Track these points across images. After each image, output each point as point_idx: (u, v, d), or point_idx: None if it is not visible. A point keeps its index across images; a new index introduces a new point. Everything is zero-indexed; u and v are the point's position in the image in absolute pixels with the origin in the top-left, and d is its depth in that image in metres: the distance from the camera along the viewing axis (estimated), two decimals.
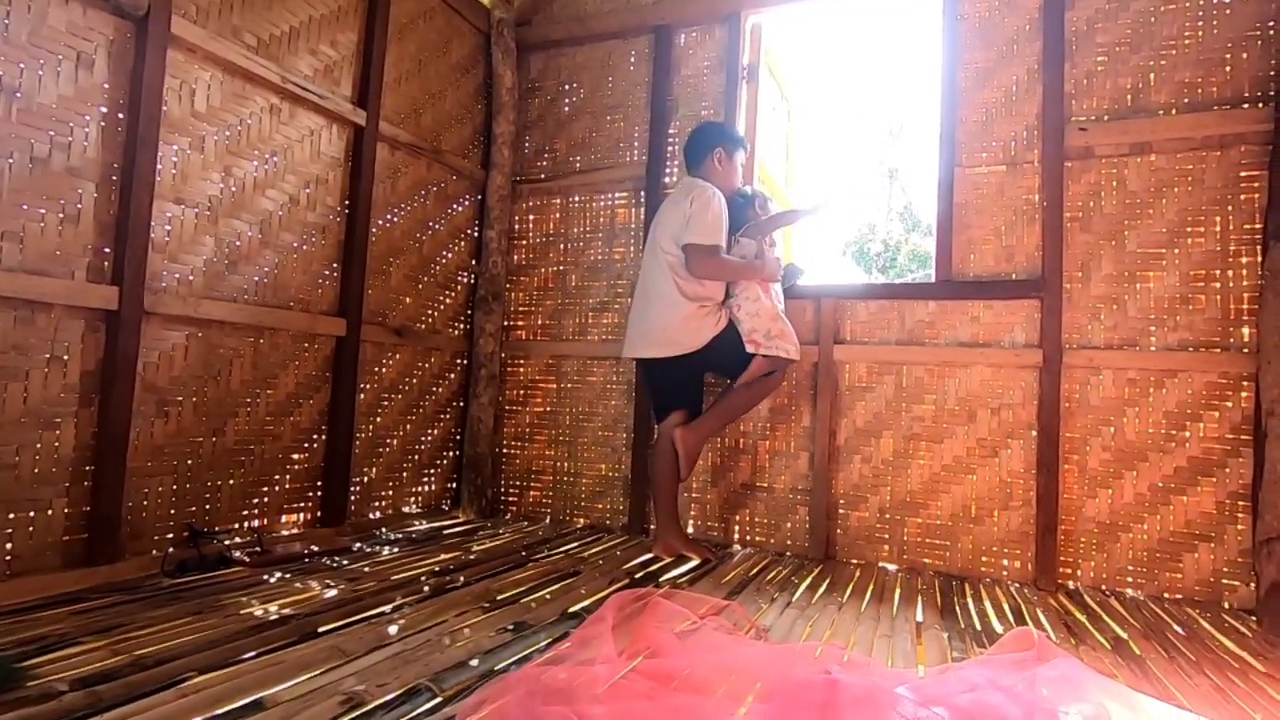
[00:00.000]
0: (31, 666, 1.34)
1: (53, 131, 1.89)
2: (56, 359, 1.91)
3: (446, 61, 3.24)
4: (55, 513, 1.91)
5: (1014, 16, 2.70)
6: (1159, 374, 2.40)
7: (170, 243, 2.16)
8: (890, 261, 20.49)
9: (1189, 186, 2.42)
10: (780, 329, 2.55)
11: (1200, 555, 2.30)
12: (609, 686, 1.25)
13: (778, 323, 2.55)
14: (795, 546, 2.80)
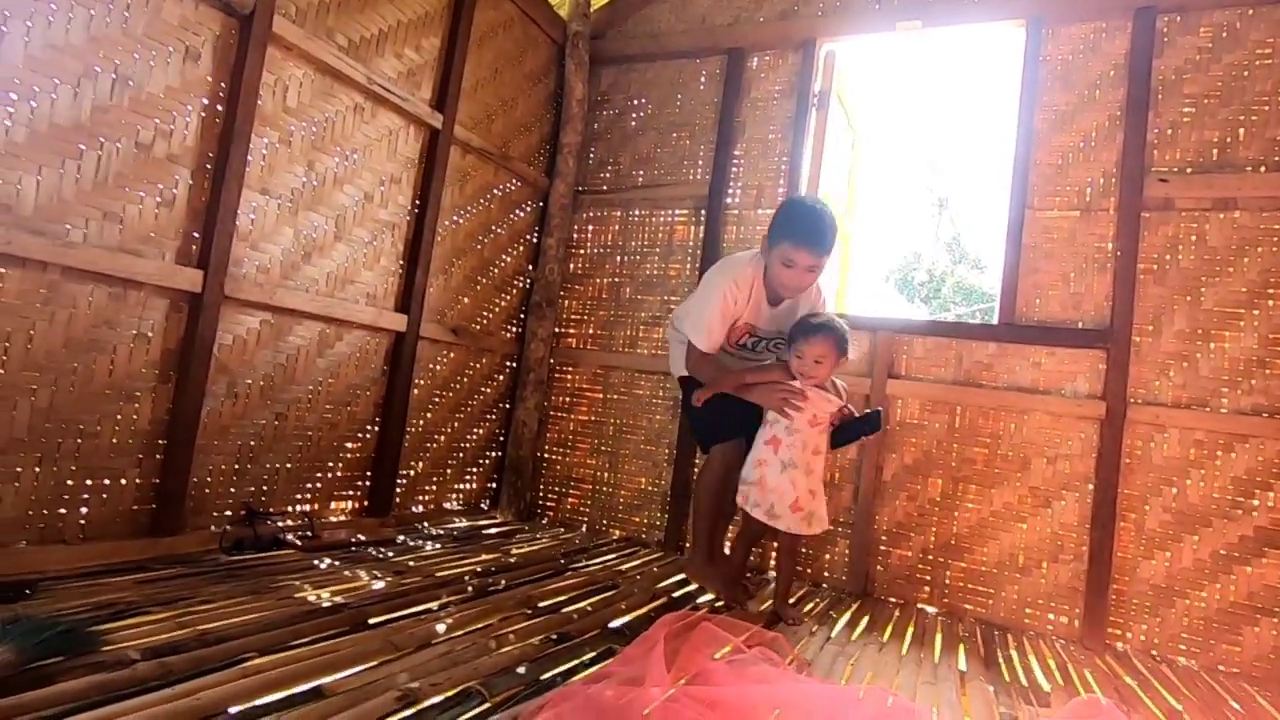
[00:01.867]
0: (105, 632, 1.40)
1: (157, 119, 1.98)
2: (142, 336, 1.99)
3: (520, 71, 3.31)
4: (128, 483, 1.99)
5: (1098, 62, 2.66)
6: (1229, 437, 2.32)
7: (253, 231, 2.25)
8: (934, 292, 20.19)
9: (1274, 246, 2.35)
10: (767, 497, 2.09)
11: (1261, 630, 2.21)
12: (659, 707, 1.25)
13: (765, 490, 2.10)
14: (833, 579, 2.76)
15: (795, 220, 2.09)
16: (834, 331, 2.09)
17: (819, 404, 2.09)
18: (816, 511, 2.10)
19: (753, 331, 2.28)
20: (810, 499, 2.09)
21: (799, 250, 2.04)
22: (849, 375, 2.83)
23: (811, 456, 2.10)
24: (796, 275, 2.09)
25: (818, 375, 2.09)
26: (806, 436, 2.10)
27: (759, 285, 2.19)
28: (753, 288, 2.18)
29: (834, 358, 2.09)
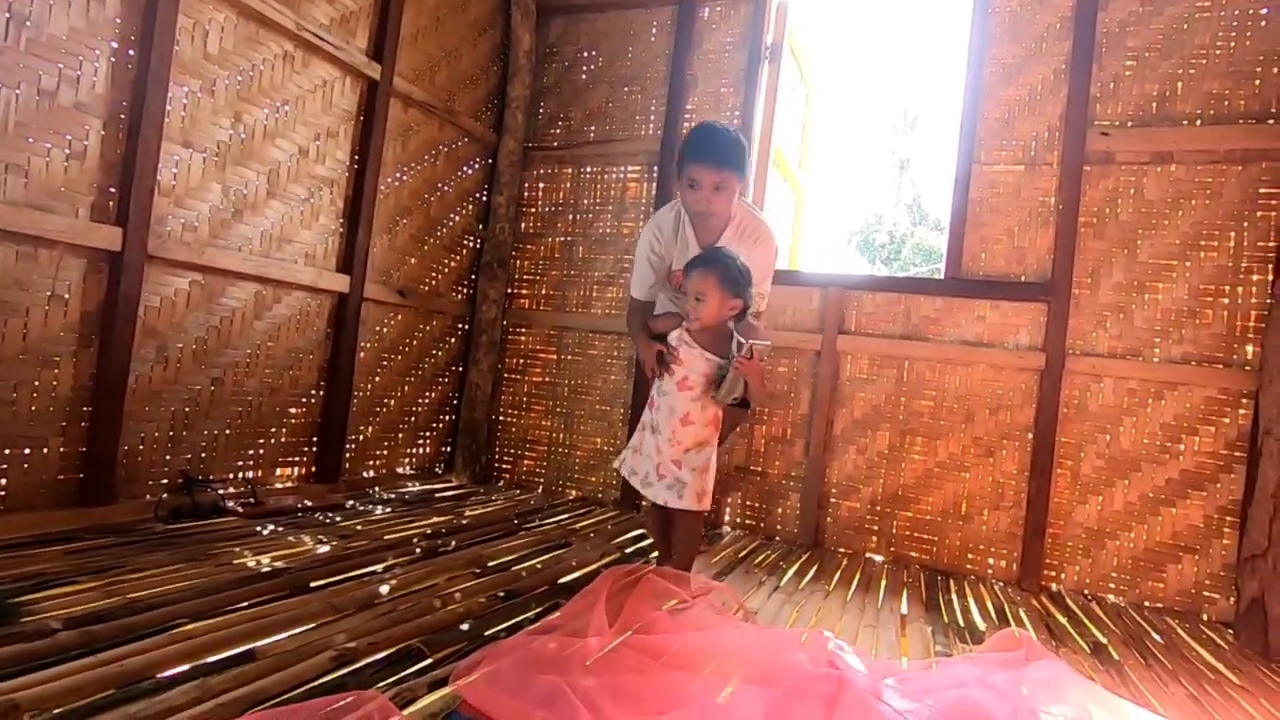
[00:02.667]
0: (26, 603, 1.35)
1: (61, 64, 1.84)
2: (57, 297, 1.88)
3: (464, 19, 3.18)
4: (51, 451, 1.90)
5: (1046, 13, 2.65)
6: (1159, 385, 2.40)
7: (176, 187, 2.13)
8: (895, 254, 20.45)
9: (1206, 199, 2.41)
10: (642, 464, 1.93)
11: (1184, 567, 2.33)
12: (599, 658, 1.26)
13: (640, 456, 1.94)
14: (785, 532, 2.82)
15: (694, 141, 2.01)
16: (713, 262, 1.83)
17: (692, 363, 1.84)
18: (689, 484, 1.82)
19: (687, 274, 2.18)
20: (675, 469, 1.84)
21: (699, 167, 1.95)
22: (801, 332, 2.86)
23: (679, 425, 1.84)
24: (704, 197, 1.95)
25: (702, 315, 1.83)
26: (674, 401, 1.86)
27: (685, 228, 2.10)
28: (678, 231, 2.10)
29: (717, 295, 1.80)
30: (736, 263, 1.85)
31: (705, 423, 1.88)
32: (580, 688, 1.12)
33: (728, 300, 1.82)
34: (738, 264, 1.85)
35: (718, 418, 1.92)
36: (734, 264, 1.84)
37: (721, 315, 1.84)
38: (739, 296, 1.83)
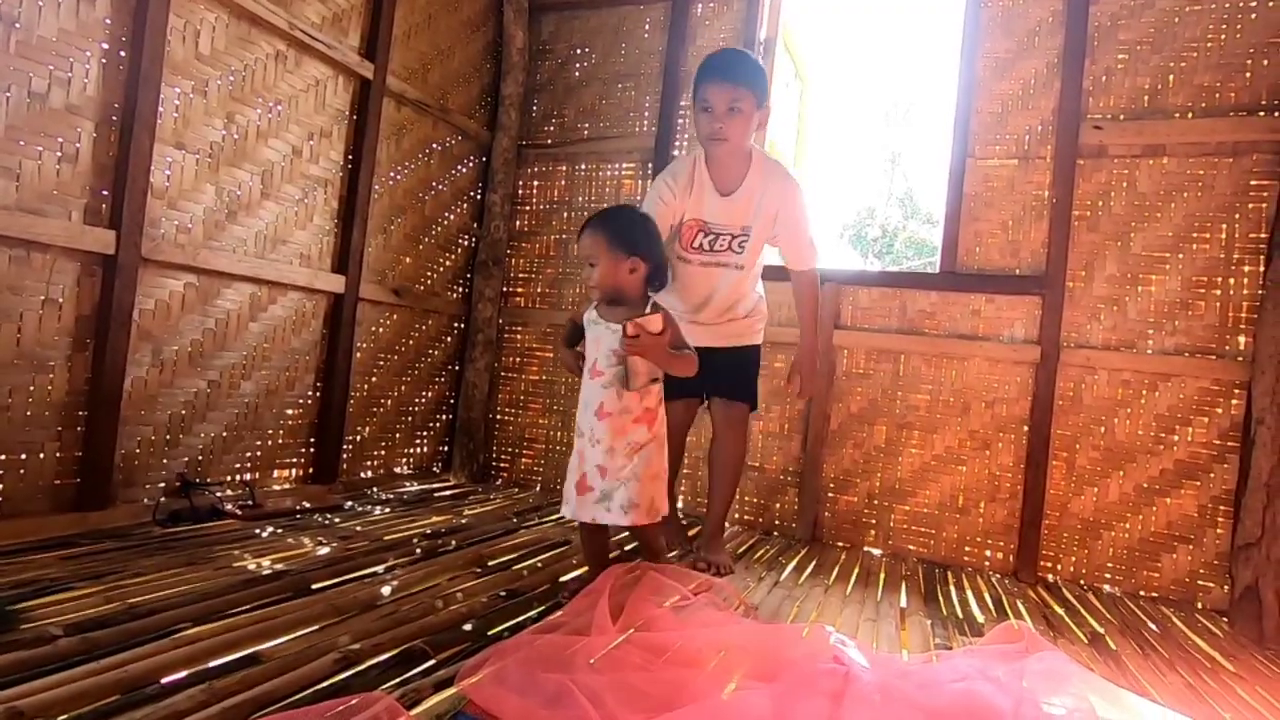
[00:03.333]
0: (25, 609, 1.34)
1: (52, 66, 1.83)
2: (51, 301, 1.87)
3: (457, 17, 3.16)
4: (47, 456, 1.89)
5: (1038, 7, 2.66)
6: (1153, 377, 2.42)
7: (170, 189, 2.11)
8: (887, 247, 20.48)
9: (1198, 192, 2.42)
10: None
11: (1178, 556, 2.35)
12: (604, 656, 1.26)
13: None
14: (783, 527, 2.83)
15: (707, 61, 1.91)
16: (598, 219, 1.62)
17: (598, 344, 1.60)
18: (629, 496, 1.57)
19: (704, 228, 2.05)
20: (600, 476, 1.59)
21: (710, 86, 1.82)
22: (796, 327, 2.85)
23: (594, 421, 1.60)
24: (718, 121, 1.83)
25: (597, 283, 1.61)
26: (586, 392, 1.64)
27: (701, 173, 1.99)
28: (693, 178, 1.99)
29: (608, 257, 1.58)
30: (629, 215, 1.68)
31: (629, 415, 1.58)
32: (585, 686, 1.12)
33: (621, 262, 1.58)
34: (630, 216, 1.68)
35: (651, 411, 1.62)
36: (624, 217, 1.67)
37: (620, 281, 1.60)
38: (635, 254, 1.59)
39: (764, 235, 2.11)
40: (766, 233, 2.10)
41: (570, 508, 1.67)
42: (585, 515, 1.64)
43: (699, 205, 2.01)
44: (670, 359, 1.60)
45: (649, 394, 1.63)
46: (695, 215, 2.03)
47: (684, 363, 1.63)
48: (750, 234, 2.08)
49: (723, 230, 2.07)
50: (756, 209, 2.04)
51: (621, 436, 1.61)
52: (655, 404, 1.65)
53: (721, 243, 2.08)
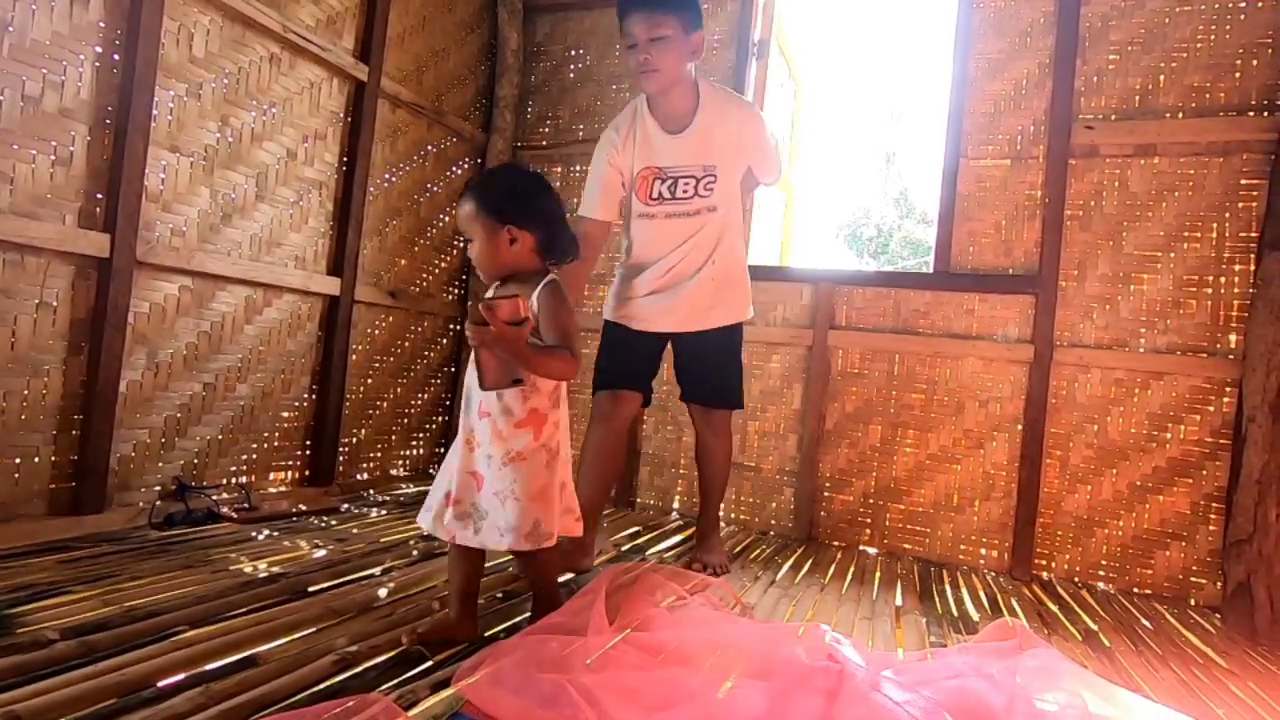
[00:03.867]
0: (21, 614, 1.34)
1: (45, 69, 1.82)
2: (46, 305, 1.87)
3: (451, 19, 3.16)
4: (42, 460, 1.89)
5: (1030, 8, 2.68)
6: (1146, 375, 2.44)
7: (164, 192, 2.11)
8: (883, 247, 20.53)
9: (1189, 191, 2.44)
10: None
11: (1171, 553, 2.37)
12: (600, 656, 1.27)
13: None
14: (779, 527, 2.84)
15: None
16: (467, 189, 1.41)
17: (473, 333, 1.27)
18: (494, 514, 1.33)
19: (660, 174, 1.88)
20: (475, 488, 1.35)
21: (629, 20, 1.72)
22: (792, 327, 2.87)
23: (475, 420, 1.38)
24: (643, 53, 1.74)
25: (477, 262, 1.41)
26: (468, 390, 1.40)
27: (644, 118, 1.87)
28: (635, 124, 1.88)
29: (481, 228, 1.36)
30: (504, 176, 1.48)
31: (510, 418, 1.33)
32: (582, 686, 1.13)
33: (496, 233, 1.35)
34: (506, 177, 1.47)
35: (538, 414, 1.34)
36: (498, 178, 1.46)
37: (500, 257, 1.36)
38: (509, 223, 1.34)
39: (734, 171, 1.94)
40: (736, 168, 1.94)
41: (429, 517, 1.39)
42: (443, 532, 1.37)
43: (648, 151, 1.85)
44: (528, 356, 1.26)
45: (537, 393, 1.35)
46: (647, 163, 1.86)
47: (548, 363, 1.30)
48: (717, 173, 1.89)
49: (683, 173, 1.88)
50: (717, 144, 1.87)
51: (501, 443, 1.33)
52: (547, 406, 1.36)
53: (685, 187, 1.88)
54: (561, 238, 1.43)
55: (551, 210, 1.43)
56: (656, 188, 1.90)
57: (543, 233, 1.39)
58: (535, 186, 1.43)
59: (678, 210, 1.91)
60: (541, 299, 1.34)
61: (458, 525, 1.35)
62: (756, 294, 2.90)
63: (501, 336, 1.23)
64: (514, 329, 1.24)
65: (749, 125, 1.91)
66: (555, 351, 1.33)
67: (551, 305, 1.35)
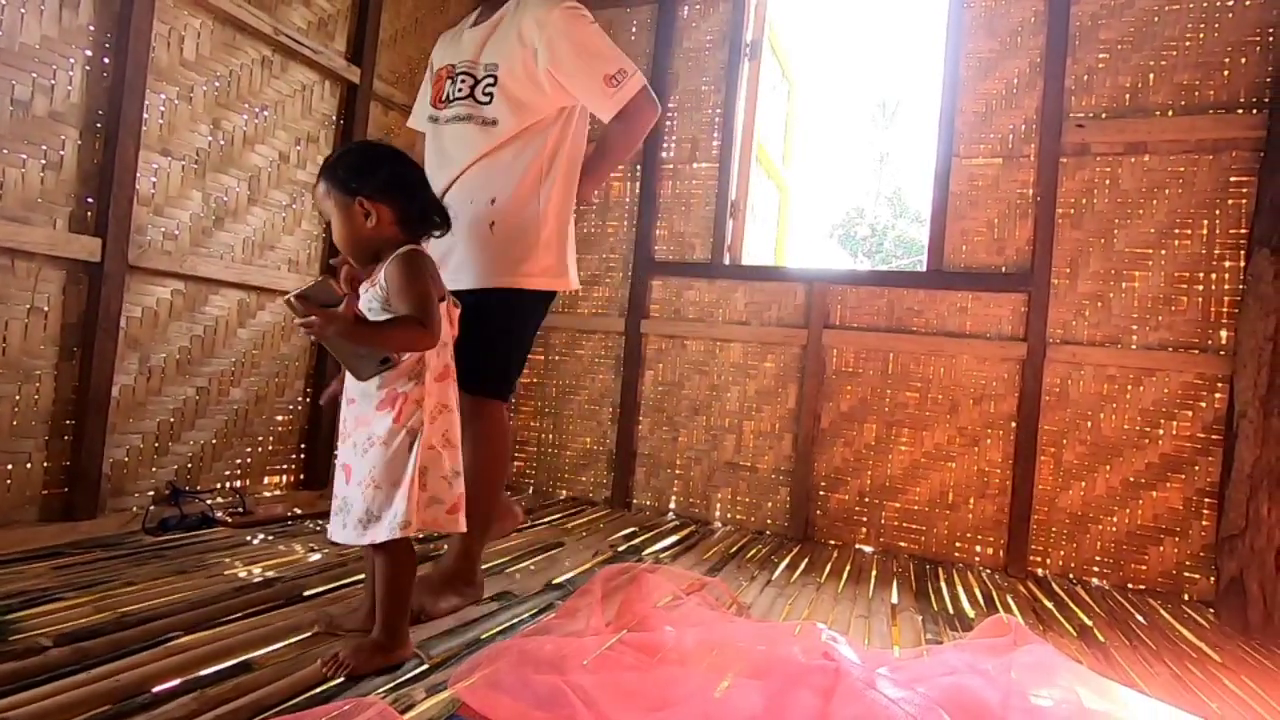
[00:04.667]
0: (14, 621, 1.33)
1: (35, 73, 1.82)
2: (37, 310, 1.86)
3: (443, 21, 3.16)
4: (34, 466, 1.88)
5: (1020, 8, 2.69)
6: (1138, 372, 2.45)
7: (156, 195, 2.11)
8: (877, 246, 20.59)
9: (1179, 188, 2.45)
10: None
11: (1165, 549, 2.38)
12: (597, 657, 1.27)
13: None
14: (775, 526, 2.84)
15: None
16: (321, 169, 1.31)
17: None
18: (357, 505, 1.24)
19: (450, 72, 1.61)
20: (344, 480, 1.28)
21: None
22: (787, 327, 2.88)
23: (345, 408, 1.31)
24: None
25: (340, 243, 1.31)
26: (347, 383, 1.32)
27: (464, 21, 1.67)
28: (453, 26, 1.68)
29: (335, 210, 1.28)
30: (356, 148, 1.38)
31: (370, 401, 1.26)
32: (579, 686, 1.13)
33: (349, 207, 1.25)
34: (358, 149, 1.37)
35: (400, 395, 1.24)
36: (350, 151, 1.35)
37: (360, 235, 1.27)
38: (364, 194, 1.24)
39: (524, 78, 1.54)
40: (525, 74, 1.53)
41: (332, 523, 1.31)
42: (332, 533, 1.29)
43: (454, 48, 1.62)
44: (366, 335, 1.19)
45: (396, 375, 1.25)
46: (446, 60, 1.62)
47: (390, 336, 1.21)
48: (498, 74, 1.54)
49: (465, 70, 1.57)
50: (502, 36, 1.55)
51: (364, 428, 1.26)
52: (411, 385, 1.26)
53: (462, 86, 1.57)
54: (423, 207, 1.31)
55: (406, 178, 1.30)
56: (446, 89, 1.61)
57: (400, 203, 1.27)
58: (386, 155, 1.31)
59: (455, 115, 1.58)
60: (389, 272, 1.23)
61: (334, 524, 1.28)
62: (752, 294, 2.95)
63: (327, 323, 1.14)
64: (331, 312, 1.14)
65: (552, 20, 1.49)
66: (399, 323, 1.21)
67: (396, 276, 1.23)
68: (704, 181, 3.09)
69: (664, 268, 3.11)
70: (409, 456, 1.24)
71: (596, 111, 1.60)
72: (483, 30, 1.58)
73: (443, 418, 1.32)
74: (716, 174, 3.06)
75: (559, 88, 1.55)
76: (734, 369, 2.96)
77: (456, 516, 1.32)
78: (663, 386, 3.06)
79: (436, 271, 1.32)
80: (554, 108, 1.59)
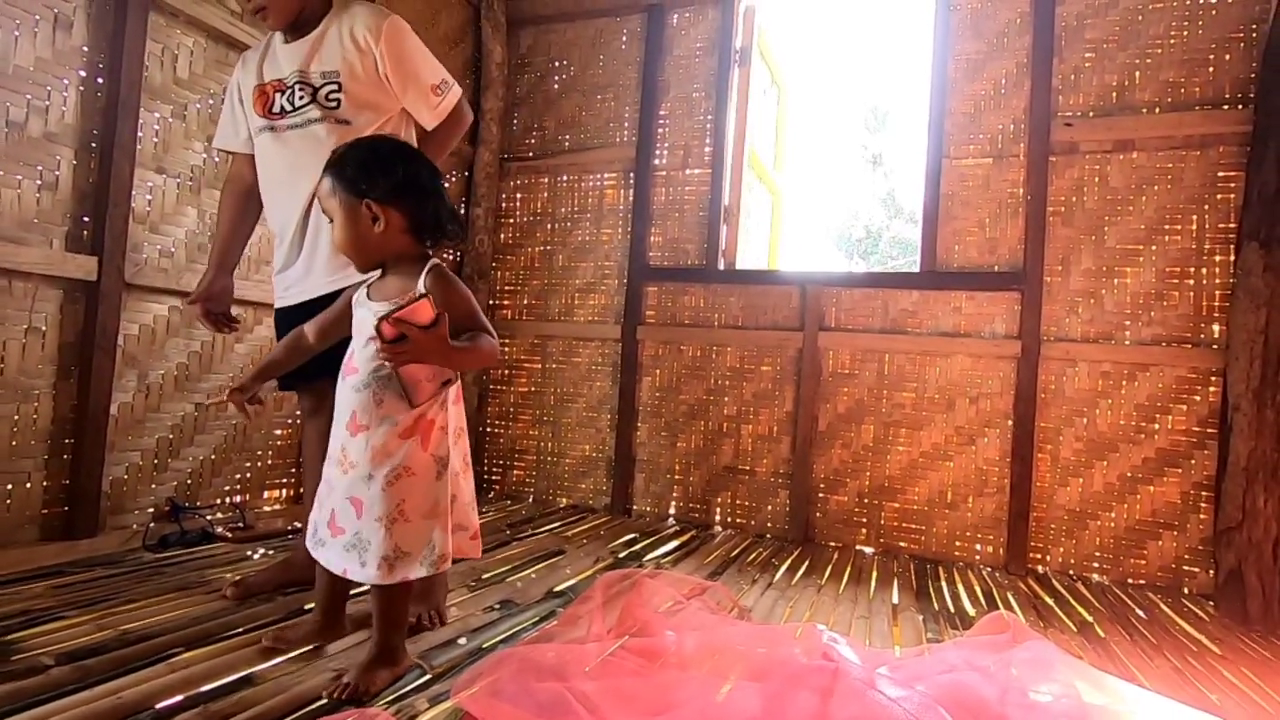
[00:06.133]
0: (16, 640, 1.34)
1: (29, 95, 1.83)
2: (34, 330, 1.87)
3: (435, 34, 3.18)
4: (34, 486, 1.88)
5: (1005, 9, 2.72)
6: (1132, 367, 2.47)
7: (151, 213, 2.12)
8: (872, 247, 20.64)
9: (1168, 185, 2.47)
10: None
11: (1164, 543, 2.39)
12: (599, 663, 1.27)
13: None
14: (775, 529, 2.85)
15: None
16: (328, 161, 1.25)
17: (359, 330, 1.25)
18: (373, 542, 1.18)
19: (280, 85, 1.63)
20: (354, 514, 1.20)
21: None
22: (783, 330, 2.89)
23: (347, 436, 1.24)
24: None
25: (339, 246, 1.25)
26: (340, 398, 1.28)
27: (272, 39, 1.69)
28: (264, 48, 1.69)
29: (340, 211, 1.21)
30: (368, 145, 1.26)
31: (392, 429, 1.18)
32: (581, 693, 1.13)
33: (355, 209, 1.19)
34: (364, 147, 1.24)
35: (427, 421, 1.20)
36: (360, 147, 1.25)
37: (365, 240, 1.20)
38: (373, 196, 1.18)
39: (366, 81, 1.60)
40: (368, 78, 1.60)
41: (313, 541, 1.28)
42: (336, 564, 1.23)
43: (271, 65, 1.65)
44: (459, 356, 1.15)
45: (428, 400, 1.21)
46: (270, 77, 1.65)
47: (478, 355, 1.19)
48: (340, 80, 1.59)
49: (299, 80, 1.60)
50: (331, 46, 1.61)
51: (385, 460, 1.18)
52: (436, 410, 1.21)
53: (301, 95, 1.60)
54: (436, 214, 1.23)
55: (421, 181, 1.22)
56: (277, 101, 1.63)
57: (412, 209, 1.20)
58: (400, 154, 1.23)
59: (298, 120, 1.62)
60: (433, 289, 1.16)
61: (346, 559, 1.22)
62: (747, 298, 2.96)
63: (426, 348, 1.09)
64: (434, 333, 1.08)
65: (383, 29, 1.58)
66: (478, 339, 1.18)
67: (447, 291, 1.18)
68: (697, 187, 3.11)
69: (659, 274, 3.12)
70: (440, 486, 1.22)
71: (420, 117, 1.71)
72: (304, 45, 1.63)
73: (461, 441, 1.31)
74: (709, 180, 3.08)
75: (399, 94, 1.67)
76: (731, 373, 2.97)
77: (477, 542, 1.35)
78: (660, 392, 3.07)
79: None
80: (397, 108, 1.69)
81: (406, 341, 1.08)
